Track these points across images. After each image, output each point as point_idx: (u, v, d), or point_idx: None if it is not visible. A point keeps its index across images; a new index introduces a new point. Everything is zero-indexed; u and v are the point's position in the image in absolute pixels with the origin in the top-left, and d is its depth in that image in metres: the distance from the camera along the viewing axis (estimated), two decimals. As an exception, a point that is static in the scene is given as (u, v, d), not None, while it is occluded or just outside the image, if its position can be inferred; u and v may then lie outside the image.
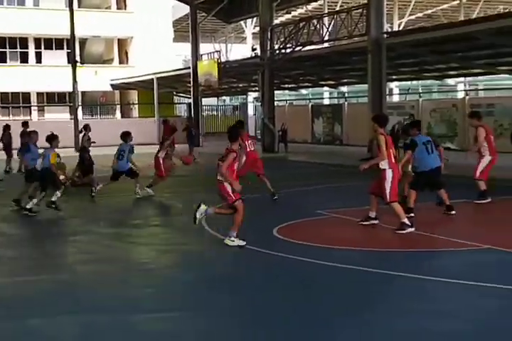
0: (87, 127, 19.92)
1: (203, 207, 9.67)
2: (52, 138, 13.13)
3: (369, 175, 11.30)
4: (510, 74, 29.24)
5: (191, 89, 37.78)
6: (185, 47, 42.65)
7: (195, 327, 6.34)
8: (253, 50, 38.87)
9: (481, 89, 35.68)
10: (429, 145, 11.74)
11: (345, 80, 37.89)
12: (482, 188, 13.13)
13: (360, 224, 10.98)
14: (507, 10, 33.18)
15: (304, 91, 46.07)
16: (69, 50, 40.22)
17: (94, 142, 19.25)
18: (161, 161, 15.85)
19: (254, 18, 38.32)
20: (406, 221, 10.34)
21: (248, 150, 13.60)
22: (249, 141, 14.04)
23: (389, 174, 10.44)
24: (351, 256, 8.93)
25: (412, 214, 11.09)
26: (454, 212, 11.76)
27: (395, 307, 6.80)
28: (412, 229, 10.27)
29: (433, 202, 12.21)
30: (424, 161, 11.68)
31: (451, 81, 33.81)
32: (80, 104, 37.55)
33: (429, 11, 38.00)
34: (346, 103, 37.22)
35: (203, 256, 9.36)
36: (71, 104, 38.53)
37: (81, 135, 20.70)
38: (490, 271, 8.07)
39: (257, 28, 34.70)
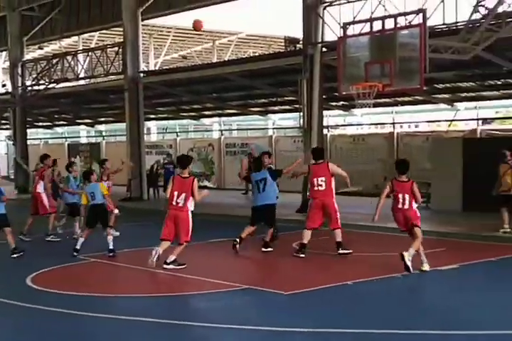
0: None
1: None
2: None
3: (129, 217, 10.86)
4: (261, 115, 30.61)
5: None
6: None
7: None
8: (3, 86, 36.92)
9: (234, 129, 36.98)
10: (261, 184, 11.98)
11: (103, 119, 37.27)
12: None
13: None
14: (256, 53, 34.92)
15: (59, 129, 44.53)
16: None
17: None
18: None
19: (4, 53, 36.44)
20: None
21: None
22: None
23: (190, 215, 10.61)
24: (113, 304, 8.36)
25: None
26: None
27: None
28: None
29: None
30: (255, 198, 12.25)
31: (206, 120, 34.70)
32: None
33: (184, 52, 38.83)
34: (104, 142, 36.56)
35: None
36: None
37: None
38: (250, 312, 7.96)
39: (7, 63, 32.99)
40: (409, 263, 9.77)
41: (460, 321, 7.34)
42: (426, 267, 10.08)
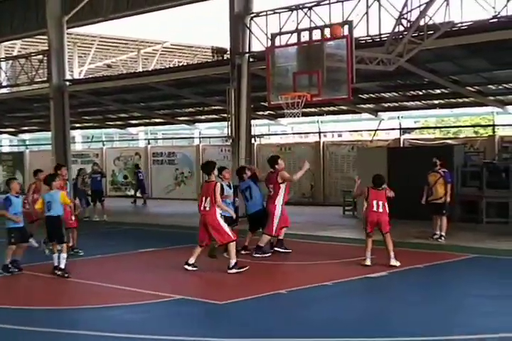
0: None
1: None
2: None
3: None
4: (188, 124, 30.55)
5: None
6: None
7: None
8: None
9: (161, 138, 36.79)
10: (247, 193, 12.52)
11: (27, 128, 36.40)
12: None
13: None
14: (182, 63, 34.86)
15: (-20, 138, 43.24)
16: None
17: None
18: None
19: None
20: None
21: None
22: None
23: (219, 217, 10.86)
24: (40, 316, 8.16)
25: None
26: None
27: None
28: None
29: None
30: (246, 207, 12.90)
31: (132, 129, 34.38)
32: None
33: (109, 61, 38.41)
34: (28, 151, 35.76)
35: None
36: None
37: None
38: (182, 322, 7.91)
39: None
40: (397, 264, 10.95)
41: (385, 327, 7.52)
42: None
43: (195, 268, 10.90)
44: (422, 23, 14.73)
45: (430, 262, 11.52)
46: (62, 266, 10.44)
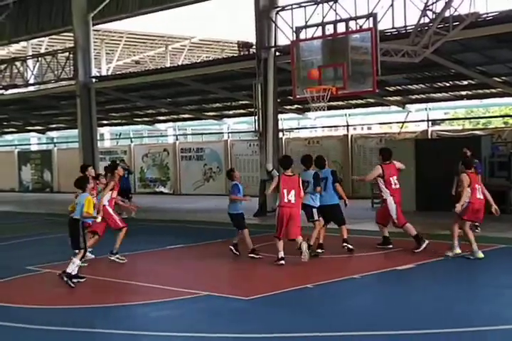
0: None
1: None
2: None
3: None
4: (216, 119, 30.60)
5: None
6: None
7: None
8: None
9: (189, 134, 36.89)
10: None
11: (54, 125, 36.76)
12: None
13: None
14: (209, 58, 34.87)
15: (9, 137, 43.75)
16: None
17: None
18: None
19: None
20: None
21: None
22: None
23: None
24: (71, 316, 8.22)
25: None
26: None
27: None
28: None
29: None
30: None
31: (161, 126, 34.52)
32: None
33: (137, 57, 38.58)
34: (56, 149, 36.08)
35: None
36: None
37: None
38: (211, 319, 7.90)
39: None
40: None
41: (416, 320, 7.43)
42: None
43: (283, 262, 10.84)
44: (447, 14, 14.56)
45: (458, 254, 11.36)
46: (69, 270, 9.69)
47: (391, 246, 12.13)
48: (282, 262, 10.86)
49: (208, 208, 21.40)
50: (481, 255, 10.84)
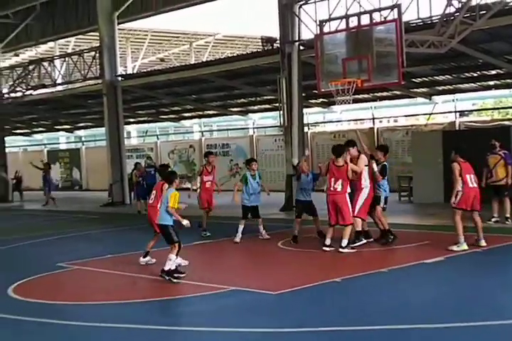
0: None
1: None
2: None
3: (111, 222, 10.75)
4: (241, 114, 30.61)
5: None
6: None
7: None
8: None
9: (215, 130, 36.93)
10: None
11: (82, 124, 37.09)
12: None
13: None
14: (233, 54, 34.87)
15: (38, 136, 44.23)
16: None
17: None
18: None
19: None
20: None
21: None
22: None
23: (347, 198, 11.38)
24: (98, 312, 8.27)
25: None
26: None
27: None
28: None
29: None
30: None
31: (186, 122, 34.62)
32: None
33: (162, 55, 38.72)
34: (84, 147, 36.40)
35: None
36: None
37: None
38: (237, 314, 7.90)
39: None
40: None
41: (450, 313, 7.36)
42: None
43: (332, 248, 11.23)
44: (473, 3, 14.38)
45: (488, 246, 11.24)
46: (167, 267, 9.62)
47: (372, 239, 12.04)
48: (326, 248, 11.17)
49: (232, 204, 21.26)
50: (465, 247, 10.86)
